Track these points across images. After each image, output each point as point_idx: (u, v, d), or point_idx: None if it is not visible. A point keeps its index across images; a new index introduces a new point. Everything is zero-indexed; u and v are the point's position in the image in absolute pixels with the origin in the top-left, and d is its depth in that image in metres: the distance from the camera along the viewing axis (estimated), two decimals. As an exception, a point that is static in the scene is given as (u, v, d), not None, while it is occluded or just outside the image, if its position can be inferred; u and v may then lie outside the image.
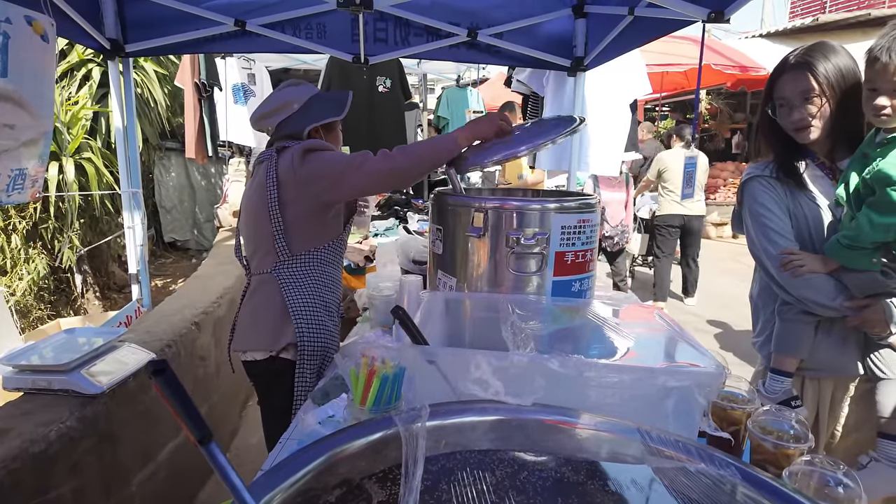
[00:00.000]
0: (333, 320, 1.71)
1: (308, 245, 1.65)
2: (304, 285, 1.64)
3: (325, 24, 2.70)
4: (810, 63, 1.34)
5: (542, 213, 1.35)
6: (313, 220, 1.64)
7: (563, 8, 2.67)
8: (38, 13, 2.00)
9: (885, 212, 1.21)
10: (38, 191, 2.25)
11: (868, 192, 1.26)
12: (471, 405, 0.85)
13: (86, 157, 4.28)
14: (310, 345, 1.62)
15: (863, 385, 1.44)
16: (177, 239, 7.02)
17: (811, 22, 7.52)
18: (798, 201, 1.41)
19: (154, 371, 0.68)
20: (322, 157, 1.57)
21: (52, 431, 1.49)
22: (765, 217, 1.41)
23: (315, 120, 1.67)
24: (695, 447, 0.73)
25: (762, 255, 1.43)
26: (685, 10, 1.79)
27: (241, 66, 5.45)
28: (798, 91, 1.35)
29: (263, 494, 0.64)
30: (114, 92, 2.78)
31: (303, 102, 1.68)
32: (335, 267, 1.74)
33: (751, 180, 1.46)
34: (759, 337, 1.56)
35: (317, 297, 1.65)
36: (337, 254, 1.74)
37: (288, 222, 1.61)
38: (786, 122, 1.40)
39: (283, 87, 1.75)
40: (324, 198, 1.59)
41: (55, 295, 4.32)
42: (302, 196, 1.59)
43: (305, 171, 1.55)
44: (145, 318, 2.63)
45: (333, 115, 1.71)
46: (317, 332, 1.63)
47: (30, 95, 2.02)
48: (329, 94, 1.79)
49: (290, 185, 1.58)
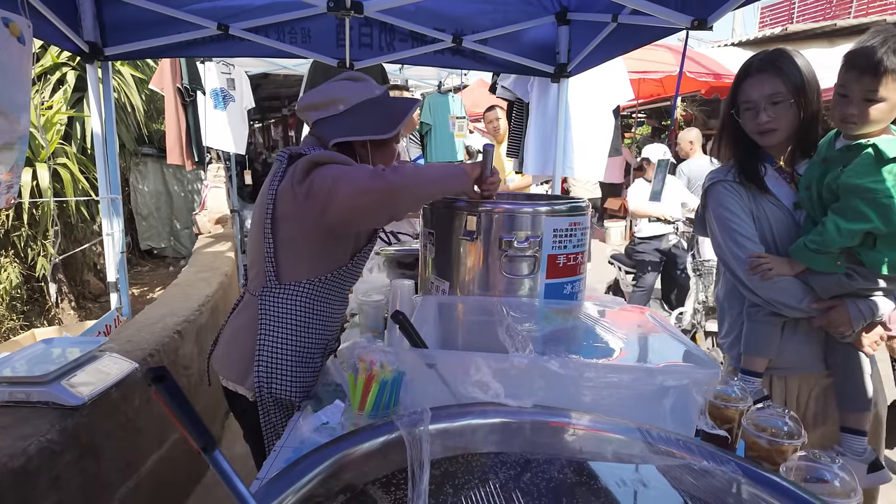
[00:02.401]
0: (312, 364, 1.44)
1: (299, 275, 1.39)
2: (283, 324, 1.39)
3: (309, 28, 2.69)
4: (777, 66, 1.37)
5: (533, 216, 1.36)
6: (310, 246, 1.39)
7: (546, 15, 2.71)
8: (15, 14, 1.95)
9: (851, 219, 1.25)
10: (13, 197, 2.18)
11: (831, 198, 1.30)
12: (471, 408, 0.85)
13: (61, 162, 4.17)
14: (268, 395, 1.39)
15: (822, 381, 1.48)
16: (153, 247, 6.88)
17: (780, 31, 7.75)
18: (760, 205, 1.44)
19: (154, 378, 0.66)
20: (323, 172, 1.28)
21: (32, 445, 1.44)
22: (731, 221, 1.44)
23: (350, 133, 1.38)
24: (696, 445, 0.74)
25: (729, 258, 1.45)
26: (669, 18, 1.83)
27: (221, 71, 5.38)
28: (765, 94, 1.38)
29: (269, 502, 0.63)
30: (92, 96, 2.72)
31: (350, 105, 1.39)
32: (332, 303, 1.47)
33: (715, 185, 1.48)
34: (727, 338, 1.59)
35: (295, 340, 1.40)
36: (337, 288, 1.46)
37: (279, 243, 1.37)
38: (751, 126, 1.42)
39: (340, 78, 1.47)
40: (324, 219, 1.30)
41: (28, 305, 4.18)
42: (299, 216, 1.34)
43: (305, 187, 1.28)
44: (125, 327, 2.57)
45: (377, 133, 1.39)
46: (280, 382, 1.38)
47: (5, 99, 1.96)
48: (387, 101, 1.44)
49: (288, 200, 1.34)
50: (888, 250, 1.27)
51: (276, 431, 1.45)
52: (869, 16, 9.30)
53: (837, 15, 11.10)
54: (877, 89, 1.19)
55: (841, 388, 1.43)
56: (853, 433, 1.40)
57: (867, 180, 1.22)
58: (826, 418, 1.48)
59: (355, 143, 1.43)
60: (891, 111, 1.23)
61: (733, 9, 1.68)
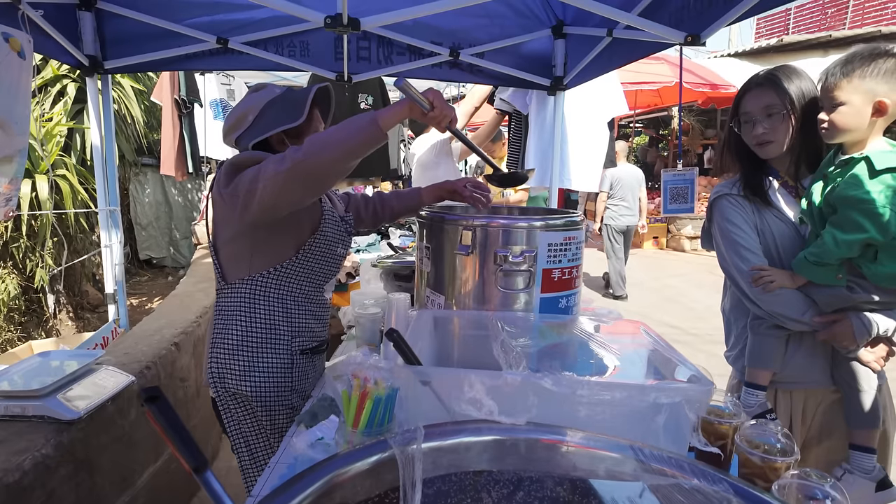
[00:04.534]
0: (268, 359, 1.46)
1: (241, 272, 1.45)
2: (233, 320, 1.45)
3: (308, 42, 2.71)
4: (774, 80, 1.41)
5: (528, 230, 1.37)
6: (245, 244, 1.44)
7: (542, 29, 2.73)
8: (16, 30, 1.97)
9: (847, 230, 1.27)
10: (12, 209, 2.19)
11: (830, 211, 1.32)
12: (465, 426, 0.85)
13: (60, 174, 4.19)
14: (223, 389, 1.46)
15: (830, 396, 1.48)
16: (152, 256, 6.89)
17: (776, 42, 7.82)
18: (765, 218, 1.45)
19: (147, 399, 0.67)
20: (244, 176, 1.29)
21: (27, 460, 1.44)
22: (734, 234, 1.46)
23: (263, 131, 1.41)
24: (687, 463, 0.74)
25: (733, 271, 1.47)
26: (663, 34, 1.85)
27: (221, 82, 5.43)
28: (761, 106, 1.41)
29: (261, 523, 0.63)
30: (92, 109, 2.73)
31: (257, 112, 1.43)
32: (289, 298, 1.49)
33: (720, 198, 1.51)
34: (733, 351, 1.60)
35: (245, 334, 1.44)
36: (289, 283, 1.48)
37: (219, 245, 1.47)
38: (749, 138, 1.46)
39: (245, 94, 1.51)
40: (245, 218, 1.33)
41: (26, 316, 4.18)
42: (229, 217, 1.40)
43: (230, 189, 1.32)
44: (123, 339, 2.57)
45: (285, 123, 1.41)
46: (231, 375, 1.44)
47: (5, 113, 1.98)
48: (289, 95, 1.47)
49: (219, 205, 1.41)
50: (890, 262, 1.28)
51: (239, 429, 1.51)
52: (864, 26, 9.38)
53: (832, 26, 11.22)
54: (835, 95, 1.28)
55: (848, 404, 1.42)
56: (862, 450, 1.39)
57: (860, 191, 1.25)
58: (832, 433, 1.47)
59: (274, 143, 1.46)
60: (858, 115, 1.27)
61: (726, 25, 1.69)
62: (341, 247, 1.59)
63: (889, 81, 1.24)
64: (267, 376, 1.47)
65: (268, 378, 1.47)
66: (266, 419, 1.48)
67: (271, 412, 1.48)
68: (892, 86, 1.25)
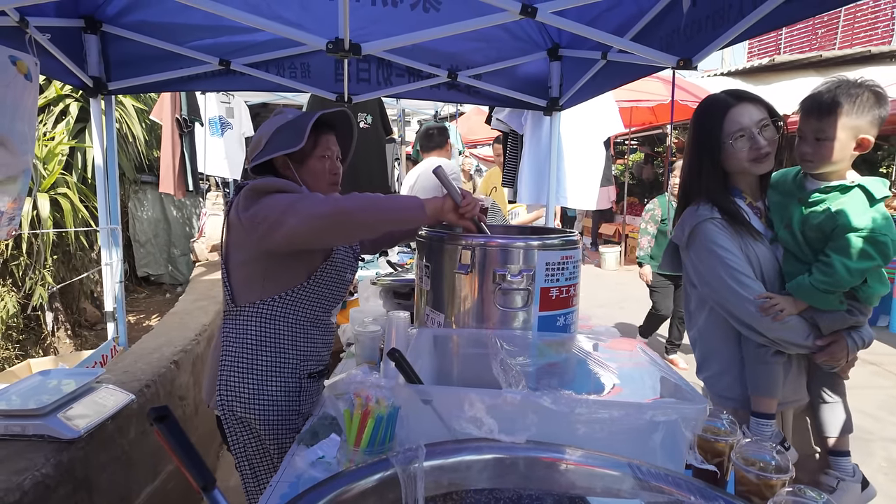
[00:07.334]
0: (277, 384, 1.48)
1: (252, 296, 1.47)
2: (242, 344, 1.46)
3: (309, 63, 2.76)
4: (750, 97, 1.43)
5: (526, 250, 1.39)
6: (259, 268, 1.46)
7: (538, 51, 2.79)
8: (23, 53, 2.02)
9: (858, 258, 1.31)
10: (15, 228, 2.21)
11: (818, 236, 1.37)
12: (466, 444, 0.86)
13: (61, 192, 4.21)
14: (230, 413, 1.47)
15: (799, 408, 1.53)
16: (150, 273, 6.88)
17: (767, 62, 7.96)
18: (746, 242, 1.43)
19: (156, 418, 0.68)
20: (265, 199, 1.34)
21: (27, 480, 1.44)
22: (729, 259, 1.41)
23: (267, 155, 1.45)
24: (684, 481, 0.75)
25: (731, 298, 1.41)
26: (656, 59, 1.90)
27: (220, 100, 5.49)
28: (755, 120, 1.40)
29: (267, 541, 0.64)
30: (95, 129, 2.77)
31: (269, 136, 1.48)
32: (298, 324, 1.51)
33: (705, 223, 1.44)
34: (719, 383, 1.53)
35: (254, 359, 1.46)
36: (299, 308, 1.50)
37: (232, 267, 1.48)
38: (748, 153, 1.41)
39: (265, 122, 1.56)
40: (263, 245, 1.38)
41: (24, 334, 4.17)
42: (245, 241, 1.43)
43: (249, 213, 1.36)
44: (122, 357, 2.57)
45: (285, 147, 1.44)
46: (239, 401, 1.45)
47: (11, 133, 2.01)
48: (295, 121, 1.50)
49: (237, 228, 1.44)
50: (877, 284, 1.37)
51: (244, 450, 1.51)
52: (853, 46, 9.56)
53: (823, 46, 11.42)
54: (824, 129, 1.32)
55: (829, 414, 1.47)
56: (842, 455, 1.45)
57: (864, 221, 1.30)
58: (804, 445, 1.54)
59: (279, 167, 1.51)
60: (842, 150, 1.32)
61: (717, 49, 1.74)
62: (350, 272, 1.64)
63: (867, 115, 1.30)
64: (276, 401, 1.48)
65: (276, 403, 1.48)
66: (271, 442, 1.49)
67: (277, 436, 1.49)
68: (872, 121, 1.30)
